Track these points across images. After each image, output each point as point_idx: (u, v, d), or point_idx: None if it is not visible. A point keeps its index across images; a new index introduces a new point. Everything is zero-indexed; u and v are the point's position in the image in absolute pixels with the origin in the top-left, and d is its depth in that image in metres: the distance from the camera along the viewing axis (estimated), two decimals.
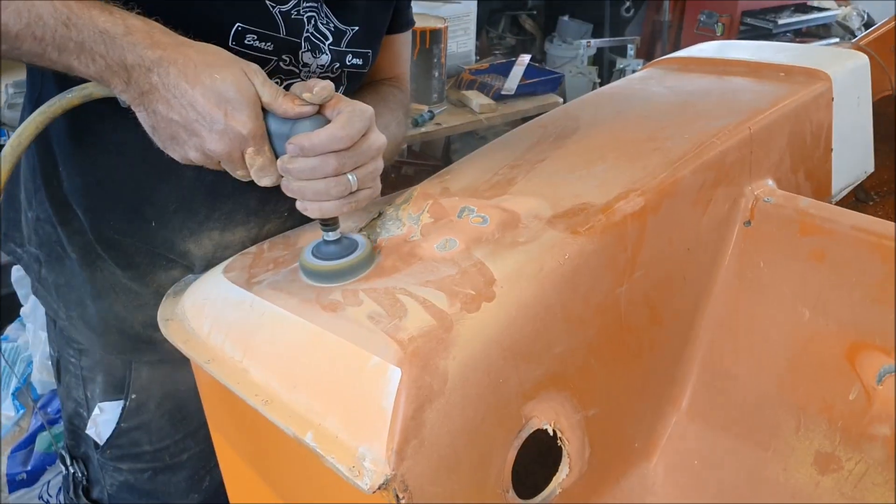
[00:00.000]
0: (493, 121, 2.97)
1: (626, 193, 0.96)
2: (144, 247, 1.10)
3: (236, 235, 1.13)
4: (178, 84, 0.83)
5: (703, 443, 1.05)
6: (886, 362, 0.94)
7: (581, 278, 0.90)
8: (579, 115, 1.26)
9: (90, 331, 1.16)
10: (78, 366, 1.22)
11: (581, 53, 4.67)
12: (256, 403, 0.80)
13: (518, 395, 0.84)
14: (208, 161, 0.87)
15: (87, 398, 1.23)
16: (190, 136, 0.85)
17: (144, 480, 1.26)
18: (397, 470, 0.72)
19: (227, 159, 0.86)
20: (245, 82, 0.84)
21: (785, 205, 1.08)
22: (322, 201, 0.87)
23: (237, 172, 0.88)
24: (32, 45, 0.83)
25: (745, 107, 1.18)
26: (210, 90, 0.83)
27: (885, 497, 0.92)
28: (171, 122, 0.85)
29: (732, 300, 1.07)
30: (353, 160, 0.86)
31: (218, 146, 0.84)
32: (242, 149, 0.85)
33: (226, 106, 0.83)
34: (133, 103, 0.86)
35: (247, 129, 0.84)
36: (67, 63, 0.85)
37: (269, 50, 1.02)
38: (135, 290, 1.12)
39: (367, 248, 0.91)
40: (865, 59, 1.40)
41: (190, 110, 0.83)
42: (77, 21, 0.82)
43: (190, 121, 0.84)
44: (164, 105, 0.84)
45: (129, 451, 1.23)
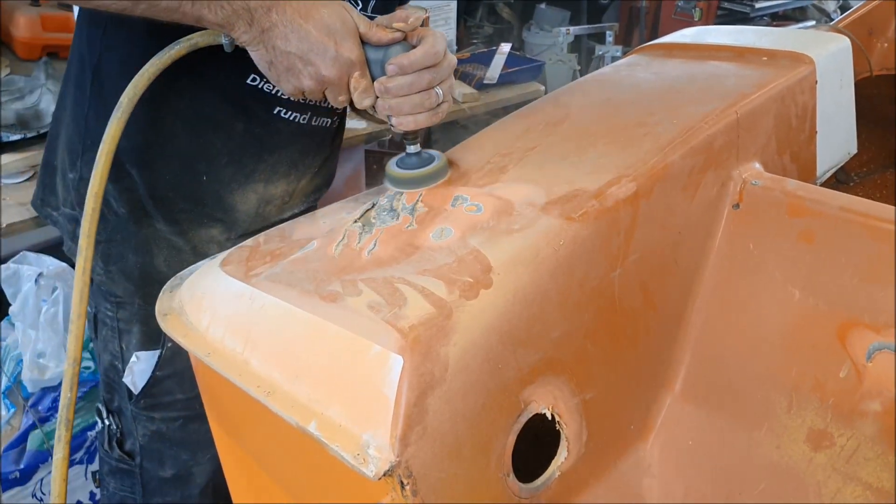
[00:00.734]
0: (476, 110, 2.97)
1: (618, 179, 0.97)
2: (192, 204, 1.21)
3: (278, 188, 1.25)
4: (294, 19, 0.96)
5: (697, 423, 1.06)
6: (876, 340, 0.96)
7: (576, 264, 0.91)
8: (568, 102, 1.26)
9: (130, 283, 1.24)
10: (115, 318, 1.29)
11: (560, 41, 4.67)
12: (259, 395, 0.80)
13: (517, 381, 0.85)
14: (318, 88, 1.00)
15: (122, 350, 1.30)
16: (305, 66, 0.98)
17: (176, 429, 1.32)
18: (401, 456, 0.73)
19: (336, 84, 0.99)
20: (346, 15, 0.98)
21: (772, 187, 1.10)
22: (417, 113, 1.00)
23: (339, 98, 1.01)
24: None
25: (732, 91, 1.19)
26: (320, 23, 0.96)
27: (876, 471, 0.94)
28: (289, 55, 0.97)
29: (724, 282, 1.09)
30: (439, 75, 0.99)
31: (331, 71, 0.97)
32: (350, 73, 0.98)
33: (335, 36, 0.96)
34: (253, 42, 0.98)
35: (354, 55, 0.97)
36: (199, 13, 0.96)
37: None
38: (177, 245, 1.22)
39: (444, 159, 1.02)
40: (847, 41, 1.42)
41: (305, 42, 0.96)
42: None
43: (305, 51, 0.96)
44: (283, 40, 0.96)
45: (162, 399, 1.30)
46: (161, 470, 1.36)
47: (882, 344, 0.96)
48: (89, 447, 2.11)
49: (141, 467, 1.37)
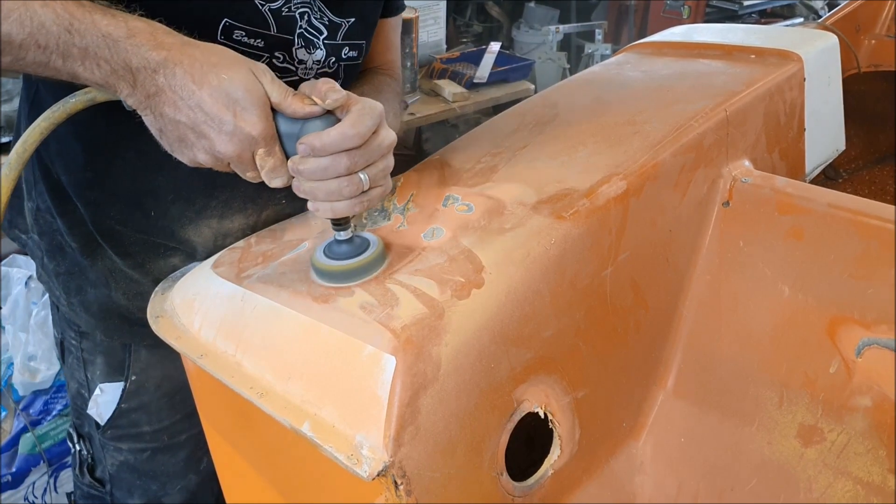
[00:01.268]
0: (466, 109, 2.98)
1: (608, 178, 0.98)
2: (144, 236, 1.11)
3: (235, 223, 1.13)
4: (185, 85, 0.81)
5: (689, 420, 1.07)
6: (865, 335, 0.97)
7: (567, 262, 0.91)
8: (558, 101, 1.27)
9: (90, 316, 1.17)
10: (79, 348, 1.24)
11: (550, 39, 4.68)
12: (252, 396, 0.80)
13: (509, 380, 0.85)
14: (218, 163, 0.86)
15: (87, 379, 1.24)
16: (198, 139, 0.83)
17: (144, 460, 1.29)
18: (395, 456, 0.73)
19: (237, 161, 0.85)
20: (253, 82, 0.82)
21: (762, 185, 1.10)
22: (334, 201, 0.86)
23: (247, 174, 0.87)
24: (37, 53, 0.81)
25: (721, 89, 1.20)
26: (218, 90, 0.81)
27: (866, 465, 0.95)
28: (179, 125, 0.83)
29: (714, 280, 1.09)
30: (364, 158, 0.84)
31: (228, 148, 0.83)
32: (253, 150, 0.84)
33: (234, 106, 0.81)
34: (139, 107, 0.84)
35: (257, 130, 0.82)
36: (72, 70, 0.83)
37: (260, 47, 1.01)
38: (134, 278, 1.13)
39: (380, 245, 0.89)
40: (835, 39, 1.43)
41: (198, 111, 0.81)
42: (79, 26, 0.80)
43: (198, 122, 0.82)
44: (171, 107, 0.82)
45: (128, 431, 1.25)
46: (131, 499, 1.32)
47: (871, 339, 0.96)
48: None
49: (111, 495, 1.33)
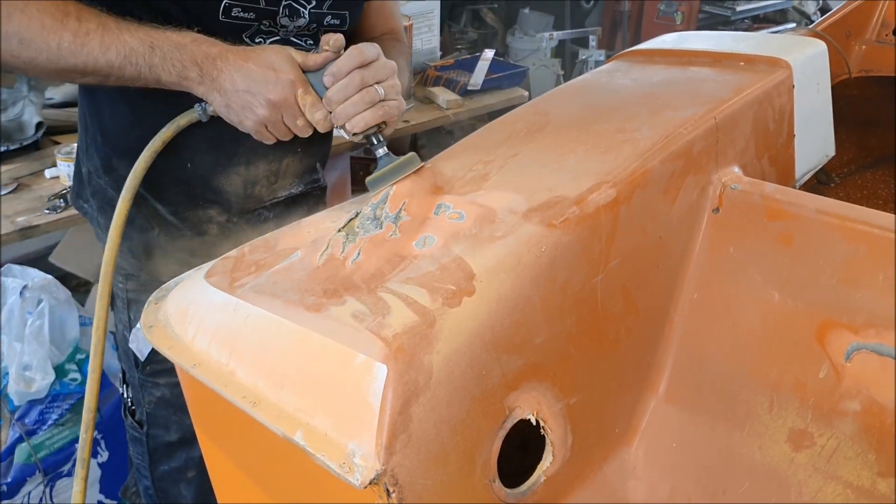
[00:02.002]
0: (460, 116, 2.99)
1: (598, 185, 0.98)
2: (183, 187, 1.33)
3: (259, 169, 1.37)
4: (236, 62, 1.10)
5: (681, 426, 1.07)
6: (854, 340, 0.98)
7: (558, 270, 0.92)
8: (548, 109, 1.27)
9: (136, 259, 1.38)
10: (125, 289, 1.42)
11: (544, 46, 4.70)
12: (245, 405, 0.81)
13: (501, 387, 0.86)
14: (273, 115, 1.11)
15: (130, 319, 1.43)
16: (254, 96, 1.10)
17: (179, 394, 1.36)
18: (387, 465, 0.73)
19: (285, 105, 1.10)
20: (282, 50, 1.12)
21: (751, 191, 1.11)
22: (361, 112, 1.08)
23: (297, 122, 1.12)
24: (132, 70, 1.11)
25: (710, 96, 1.20)
26: (259, 60, 1.10)
27: (856, 469, 0.96)
28: (238, 93, 1.10)
29: (704, 286, 1.10)
30: (373, 74, 1.09)
31: (277, 94, 1.09)
32: (294, 92, 1.09)
33: (273, 66, 1.09)
34: (209, 92, 1.12)
35: (293, 75, 1.09)
36: (157, 75, 1.12)
37: (251, 18, 1.24)
38: (174, 224, 1.36)
39: (412, 155, 1.05)
40: (823, 46, 1.44)
41: (249, 77, 1.09)
42: (157, 42, 1.11)
43: (251, 84, 1.09)
44: (230, 81, 1.10)
45: (165, 365, 1.33)
46: (167, 435, 1.47)
47: (860, 344, 0.97)
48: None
49: (147, 435, 1.48)
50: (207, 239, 1.38)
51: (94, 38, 1.09)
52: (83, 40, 1.09)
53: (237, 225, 1.39)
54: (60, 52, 1.09)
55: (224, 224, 1.38)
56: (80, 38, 1.09)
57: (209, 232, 1.38)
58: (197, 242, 1.37)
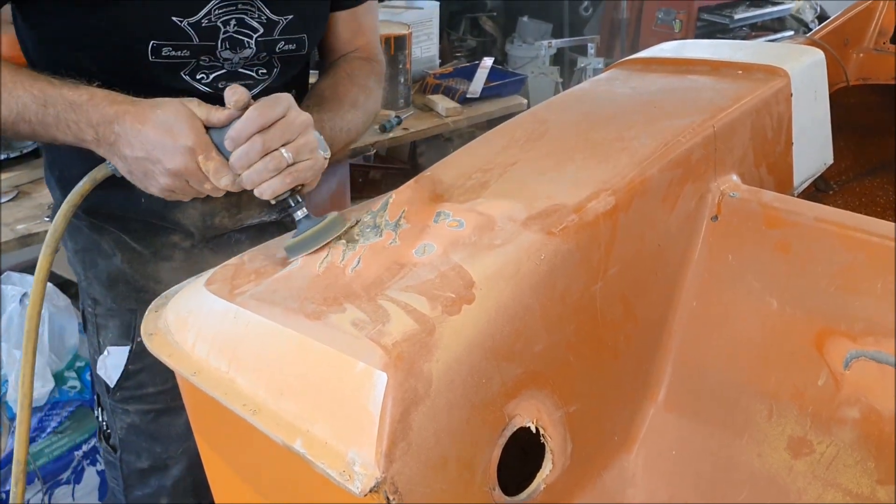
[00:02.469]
0: (460, 123, 2.99)
1: (597, 193, 0.99)
2: (142, 218, 1.29)
3: (217, 202, 1.29)
4: (133, 126, 1.02)
5: (680, 433, 1.08)
6: (853, 348, 0.98)
7: (557, 278, 0.92)
8: (547, 117, 1.28)
9: (101, 286, 1.35)
10: (93, 314, 1.39)
11: (543, 54, 4.71)
12: (244, 413, 0.81)
13: (501, 395, 0.86)
14: (176, 182, 1.03)
15: (99, 344, 1.40)
16: (154, 164, 1.02)
17: (149, 422, 1.40)
18: (387, 472, 0.73)
19: (189, 174, 1.02)
20: (182, 108, 1.02)
21: (750, 199, 1.12)
22: (266, 180, 1.01)
23: (205, 186, 1.04)
24: (25, 126, 1.06)
25: (708, 105, 1.21)
26: (156, 123, 1.01)
27: (856, 477, 0.96)
28: (138, 160, 1.03)
29: (703, 293, 1.10)
30: (278, 136, 1.01)
31: (176, 162, 1.01)
32: (194, 159, 1.01)
33: (171, 130, 1.00)
34: (108, 155, 1.06)
35: (191, 141, 1.00)
36: (52, 134, 1.06)
37: (186, 56, 1.17)
38: (137, 250, 1.32)
39: (335, 216, 0.99)
40: (821, 54, 1.44)
41: (146, 143, 1.01)
42: (51, 100, 1.04)
43: (149, 151, 1.01)
44: (128, 147, 1.03)
45: (135, 392, 1.38)
46: (139, 461, 1.44)
47: (859, 352, 0.97)
48: (76, 467, 2.10)
49: (121, 460, 1.45)
50: (174, 265, 1.34)
51: None
52: None
53: (203, 251, 1.35)
54: None
55: (189, 250, 1.34)
56: None
57: (174, 258, 1.34)
58: (163, 268, 1.33)
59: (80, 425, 2.13)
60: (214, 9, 1.15)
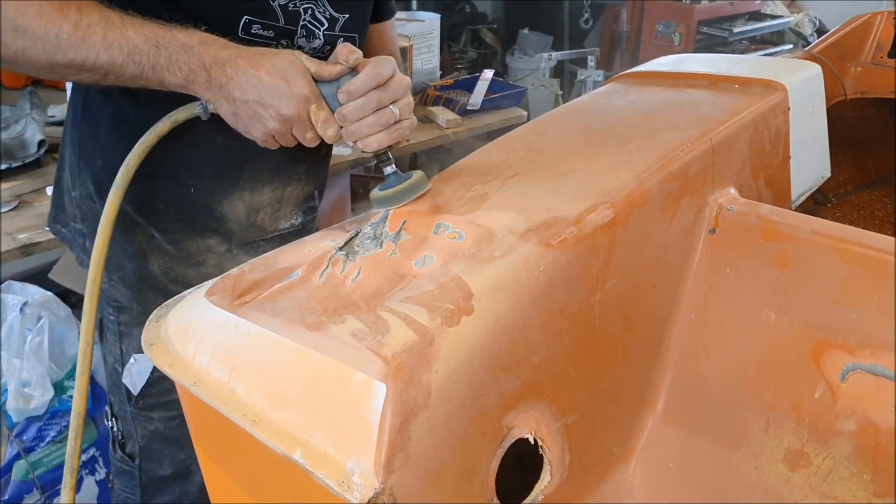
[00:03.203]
0: (460, 135, 3.00)
1: (595, 206, 0.99)
2: (185, 214, 1.30)
3: (264, 196, 1.34)
4: (247, 70, 1.05)
5: (678, 445, 1.08)
6: (849, 360, 0.98)
7: (556, 290, 0.93)
8: (547, 129, 1.29)
9: (128, 289, 1.34)
10: (116, 322, 1.38)
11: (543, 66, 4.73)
12: (244, 423, 0.81)
13: (499, 406, 0.86)
14: (283, 128, 1.07)
15: (122, 352, 1.39)
16: (265, 109, 1.06)
17: (173, 428, 1.39)
18: (386, 483, 0.74)
19: (297, 120, 1.07)
20: (295, 59, 1.07)
21: (747, 212, 1.12)
22: (376, 133, 1.07)
23: (307, 135, 1.09)
24: (133, 69, 1.05)
25: (706, 118, 1.22)
26: (271, 69, 1.05)
27: (852, 489, 0.96)
28: (248, 103, 1.06)
29: (701, 306, 1.11)
30: (389, 94, 1.07)
31: (290, 108, 1.05)
32: (307, 107, 1.06)
33: (286, 77, 1.05)
34: (215, 99, 1.08)
35: (307, 90, 1.05)
36: (160, 76, 1.07)
37: (270, 37, 1.21)
38: (169, 252, 1.31)
39: (420, 174, 1.06)
40: (818, 68, 1.45)
41: (260, 88, 1.05)
42: (163, 41, 1.05)
43: (262, 95, 1.05)
44: (240, 90, 1.05)
45: (159, 399, 1.38)
46: (160, 469, 1.43)
47: (855, 365, 0.98)
48: None
49: (140, 468, 1.44)
50: (204, 270, 1.34)
51: (96, 32, 1.03)
52: (84, 33, 1.02)
53: (236, 256, 1.35)
54: (59, 43, 1.02)
55: (223, 254, 1.35)
56: (80, 30, 1.02)
57: (207, 263, 1.34)
58: (194, 273, 1.33)
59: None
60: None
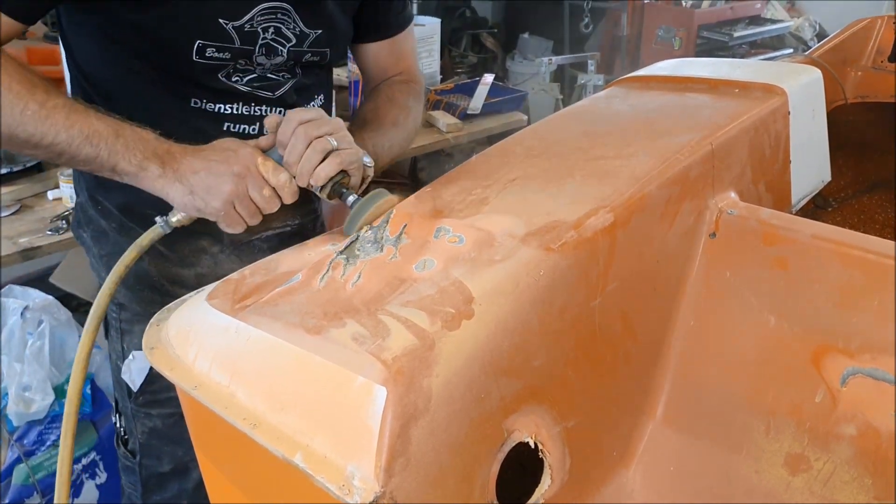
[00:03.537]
0: (460, 139, 3.00)
1: (595, 210, 0.99)
2: None
3: None
4: (196, 153, 1.11)
5: (678, 448, 1.08)
6: (850, 364, 0.98)
7: (556, 293, 0.93)
8: (547, 134, 1.29)
9: (127, 289, 1.36)
10: (118, 319, 1.41)
11: (543, 70, 4.74)
12: (245, 427, 0.81)
13: (499, 410, 0.86)
14: (240, 187, 1.09)
15: (123, 349, 1.42)
16: (218, 176, 1.09)
17: (171, 425, 1.42)
18: (386, 487, 0.74)
19: (249, 175, 1.10)
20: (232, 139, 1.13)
21: (748, 216, 1.12)
22: (318, 164, 1.10)
23: (263, 191, 1.11)
24: (90, 151, 1.09)
25: (706, 123, 1.22)
26: (215, 148, 1.12)
27: (853, 493, 0.96)
28: (199, 175, 1.10)
29: (701, 309, 1.11)
30: (316, 126, 1.10)
31: (238, 165, 1.09)
32: (254, 161, 1.10)
33: (230, 147, 1.11)
34: (168, 185, 1.11)
35: (249, 148, 1.11)
36: (114, 161, 1.10)
37: (227, 58, 1.22)
38: (164, 254, 1.33)
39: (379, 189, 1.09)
40: (818, 73, 1.46)
41: (209, 161, 1.10)
42: (123, 131, 1.10)
43: (211, 165, 1.10)
44: (191, 168, 1.10)
45: (158, 396, 1.40)
46: (159, 466, 1.46)
47: (856, 369, 0.98)
48: (75, 480, 2.10)
49: (140, 464, 1.47)
50: (199, 271, 1.36)
51: (59, 113, 1.08)
52: (49, 112, 1.07)
53: (230, 256, 1.37)
54: (23, 118, 1.06)
55: (216, 255, 1.36)
56: (46, 109, 1.07)
57: (201, 263, 1.36)
58: (189, 273, 1.35)
59: (80, 439, 2.13)
60: (257, 15, 1.21)
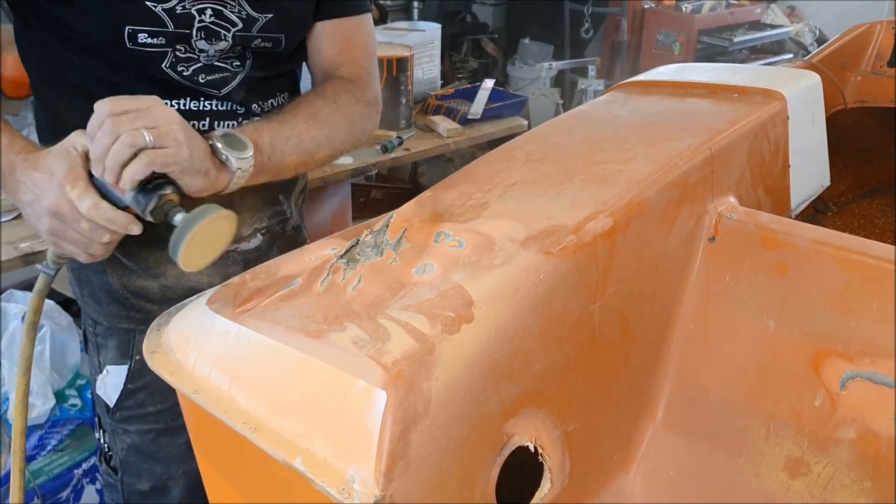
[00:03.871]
0: (460, 144, 3.01)
1: (595, 214, 1.00)
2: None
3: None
4: (26, 173, 1.02)
5: (678, 452, 1.08)
6: (849, 368, 0.98)
7: (556, 298, 0.93)
8: (547, 138, 1.29)
9: (95, 304, 1.34)
10: (94, 334, 1.38)
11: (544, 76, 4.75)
12: (245, 431, 0.82)
13: (499, 414, 0.86)
14: (56, 223, 1.01)
15: (99, 363, 1.39)
16: (36, 208, 1.02)
17: (149, 442, 1.39)
18: (386, 491, 0.74)
19: (62, 211, 1.00)
20: (65, 148, 1.01)
21: (747, 220, 1.13)
22: (125, 162, 0.96)
23: (81, 224, 1.01)
24: None
25: (706, 127, 1.22)
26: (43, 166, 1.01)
27: (853, 497, 0.96)
28: (30, 204, 1.02)
29: (701, 313, 1.11)
30: (131, 118, 0.96)
31: (49, 199, 1.00)
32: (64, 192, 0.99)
33: (51, 170, 1.00)
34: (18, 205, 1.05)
35: (62, 173, 0.99)
36: None
37: (163, 44, 1.16)
38: (126, 265, 1.29)
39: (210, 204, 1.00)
40: (817, 78, 1.46)
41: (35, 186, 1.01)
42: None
43: (35, 193, 1.01)
44: (23, 194, 1.03)
45: (135, 412, 1.37)
46: (139, 483, 1.43)
47: (855, 372, 0.98)
48: (76, 485, 2.10)
49: (122, 482, 1.44)
50: (164, 282, 1.31)
51: None
52: None
53: None
54: None
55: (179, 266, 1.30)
56: None
57: (166, 274, 1.31)
58: (153, 285, 1.31)
59: (81, 443, 2.14)
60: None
